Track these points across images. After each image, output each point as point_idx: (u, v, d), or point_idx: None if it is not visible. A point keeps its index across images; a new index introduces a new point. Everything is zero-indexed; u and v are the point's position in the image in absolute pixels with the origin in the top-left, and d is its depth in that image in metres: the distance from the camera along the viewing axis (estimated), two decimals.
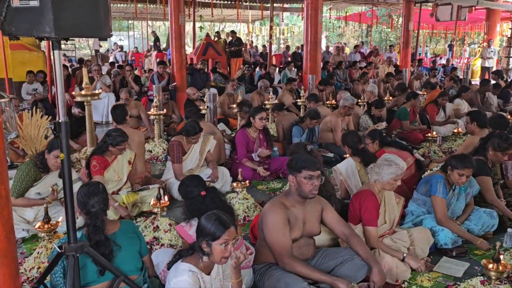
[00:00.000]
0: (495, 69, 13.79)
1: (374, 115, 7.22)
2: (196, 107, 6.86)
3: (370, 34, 25.20)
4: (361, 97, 8.76)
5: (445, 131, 7.69)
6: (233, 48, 14.46)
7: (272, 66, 12.91)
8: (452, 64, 16.84)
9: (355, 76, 12.57)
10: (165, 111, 7.17)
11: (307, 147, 3.79)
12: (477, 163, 3.77)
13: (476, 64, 16.71)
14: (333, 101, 8.58)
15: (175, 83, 9.58)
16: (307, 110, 7.06)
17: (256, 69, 15.01)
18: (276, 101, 8.59)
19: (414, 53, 14.83)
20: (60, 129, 2.18)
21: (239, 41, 14.91)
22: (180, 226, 3.13)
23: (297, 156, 3.04)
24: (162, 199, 3.72)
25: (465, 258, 3.55)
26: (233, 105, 7.81)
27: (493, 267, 2.96)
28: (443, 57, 20.57)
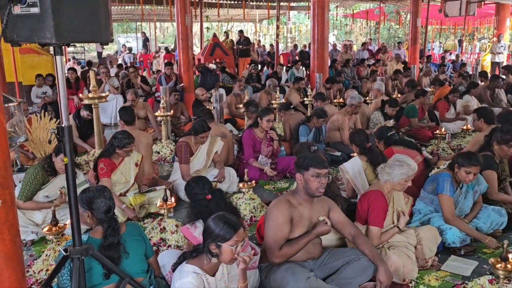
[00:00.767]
0: (505, 64, 13.61)
1: (386, 113, 7.17)
2: (204, 107, 6.87)
3: (378, 31, 25.03)
4: (369, 95, 8.71)
5: (454, 128, 7.62)
6: (241, 47, 14.47)
7: (279, 65, 12.89)
8: (461, 60, 16.66)
9: (363, 74, 12.51)
10: (172, 112, 7.19)
11: (311, 147, 3.78)
12: (484, 158, 3.73)
13: (486, 59, 16.52)
14: (340, 100, 8.53)
15: (182, 84, 9.61)
16: (314, 109, 7.04)
17: (263, 68, 15.01)
18: (283, 100, 8.58)
19: (422, 49, 14.70)
20: (63, 133, 2.20)
21: (247, 40, 14.93)
22: (185, 227, 3.14)
23: (304, 154, 3.04)
24: (168, 200, 3.74)
25: (474, 256, 3.51)
26: (240, 105, 7.81)
27: (501, 266, 2.93)
28: (453, 53, 20.35)
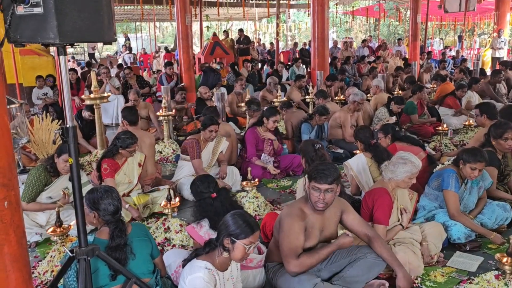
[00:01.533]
0: (503, 60, 13.59)
1: (392, 110, 7.15)
2: (210, 105, 6.88)
3: (378, 28, 25.01)
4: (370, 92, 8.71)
5: (456, 123, 7.60)
6: (241, 46, 14.45)
7: (279, 63, 12.87)
8: (462, 55, 16.64)
9: (364, 70, 12.50)
10: (174, 111, 7.19)
11: (315, 145, 3.77)
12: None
13: (486, 54, 16.49)
14: (341, 97, 8.52)
15: (183, 84, 9.59)
16: (315, 106, 7.03)
17: (264, 66, 14.99)
18: (284, 98, 8.57)
19: (423, 45, 14.67)
20: (68, 134, 2.19)
21: (247, 39, 14.89)
22: (190, 227, 3.13)
23: (318, 164, 2.95)
24: (172, 200, 3.73)
25: (479, 252, 3.50)
26: (242, 104, 7.81)
27: (507, 261, 2.92)
28: (453, 49, 20.33)
